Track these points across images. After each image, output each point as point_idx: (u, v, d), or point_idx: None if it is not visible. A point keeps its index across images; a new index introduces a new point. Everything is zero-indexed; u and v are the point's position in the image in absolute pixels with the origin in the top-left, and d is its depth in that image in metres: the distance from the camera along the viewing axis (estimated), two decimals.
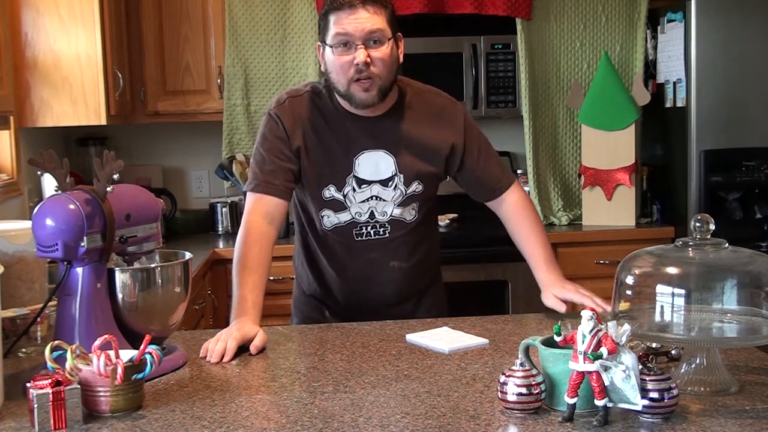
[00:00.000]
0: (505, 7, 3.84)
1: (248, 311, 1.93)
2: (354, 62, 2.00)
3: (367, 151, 2.12)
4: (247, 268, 2.01)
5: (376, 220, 2.16)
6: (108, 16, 3.30)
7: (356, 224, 2.16)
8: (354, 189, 2.13)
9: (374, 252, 2.19)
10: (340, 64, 2.02)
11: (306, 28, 3.87)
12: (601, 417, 1.36)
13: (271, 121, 2.14)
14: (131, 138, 4.13)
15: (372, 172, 2.13)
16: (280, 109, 2.14)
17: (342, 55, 2.01)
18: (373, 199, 2.14)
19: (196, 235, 4.00)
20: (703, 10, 3.60)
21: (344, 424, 1.41)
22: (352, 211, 2.15)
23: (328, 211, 2.15)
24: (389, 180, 2.14)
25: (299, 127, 2.12)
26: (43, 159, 1.66)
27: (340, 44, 2.01)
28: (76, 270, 1.66)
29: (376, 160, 2.13)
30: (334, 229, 2.17)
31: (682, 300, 1.53)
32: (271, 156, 2.11)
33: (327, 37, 2.04)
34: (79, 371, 1.47)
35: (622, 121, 3.82)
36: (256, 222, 2.09)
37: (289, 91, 2.19)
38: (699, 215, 1.57)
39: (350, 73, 2.01)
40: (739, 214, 3.68)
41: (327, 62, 2.07)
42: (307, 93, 2.16)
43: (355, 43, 2.00)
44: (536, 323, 2.14)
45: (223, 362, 1.78)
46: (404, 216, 2.18)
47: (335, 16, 2.01)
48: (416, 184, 2.16)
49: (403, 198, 2.16)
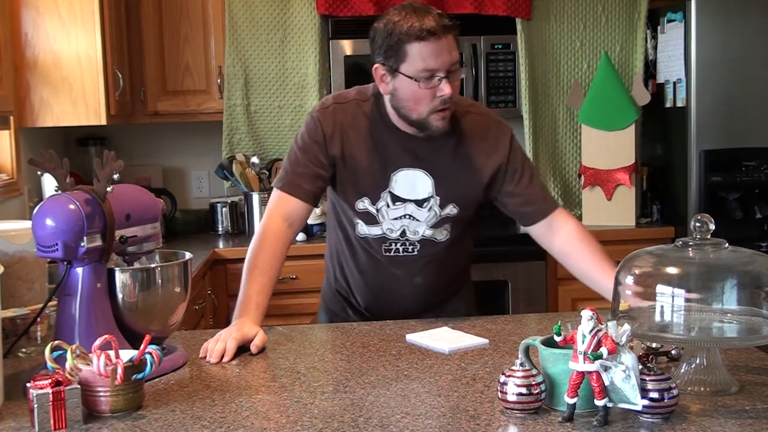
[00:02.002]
0: (505, 7, 3.84)
1: (250, 312, 1.93)
2: (438, 95, 1.94)
3: (405, 169, 2.08)
4: (257, 268, 2.01)
5: (407, 238, 2.12)
6: (108, 16, 3.30)
7: (386, 240, 2.13)
8: (388, 205, 2.09)
9: (400, 268, 2.15)
10: (422, 95, 1.96)
11: (306, 28, 3.87)
12: (601, 417, 1.36)
13: (311, 124, 2.11)
14: (131, 138, 4.13)
15: (408, 190, 2.08)
16: (323, 114, 2.10)
17: (426, 87, 1.94)
18: (406, 217, 2.10)
19: (196, 235, 4.00)
20: (703, 10, 3.60)
21: (344, 424, 1.41)
22: (383, 227, 2.11)
23: (360, 221, 2.12)
24: (424, 201, 2.09)
25: (339, 136, 2.08)
26: (43, 159, 1.66)
27: (423, 78, 1.94)
28: (76, 270, 1.66)
29: (413, 179, 2.08)
30: (366, 238, 2.14)
31: (682, 300, 1.53)
32: (305, 159, 2.09)
33: (404, 67, 1.95)
34: (79, 371, 1.47)
35: (622, 121, 3.82)
36: (275, 222, 2.07)
37: (336, 96, 2.15)
38: (699, 215, 1.57)
39: (434, 104, 1.96)
40: (739, 214, 3.68)
41: (400, 89, 1.98)
42: (353, 101, 2.11)
43: (438, 75, 1.94)
44: (536, 323, 2.14)
45: (223, 362, 1.78)
46: (435, 236, 2.13)
47: (418, 47, 1.92)
48: (451, 207, 2.10)
49: (437, 220, 2.11)
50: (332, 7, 3.83)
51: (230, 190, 4.11)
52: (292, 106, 3.94)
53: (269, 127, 3.96)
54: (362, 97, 2.12)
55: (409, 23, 1.92)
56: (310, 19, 3.86)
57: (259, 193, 3.83)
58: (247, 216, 3.88)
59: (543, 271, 3.67)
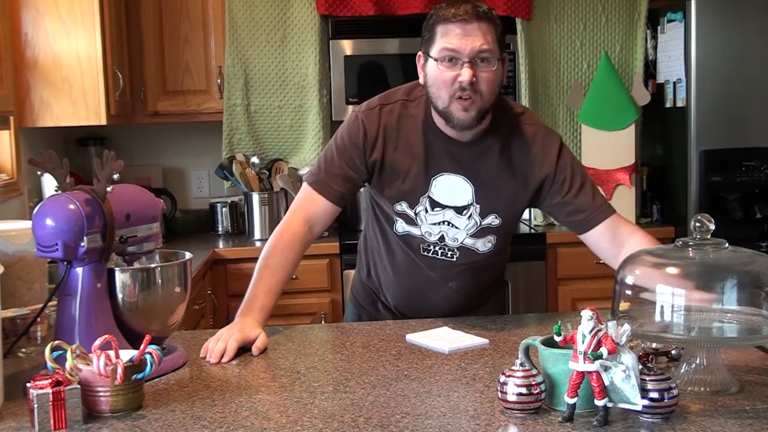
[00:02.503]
0: (505, 7, 3.84)
1: (254, 312, 1.92)
2: (458, 79, 1.89)
3: (446, 174, 2.02)
4: (268, 268, 2.00)
5: (446, 244, 2.07)
6: (108, 16, 3.30)
7: (424, 241, 2.08)
8: (426, 210, 2.04)
9: (436, 271, 2.11)
10: (443, 79, 1.91)
11: (306, 28, 3.87)
12: (601, 417, 1.36)
13: (354, 124, 2.06)
14: (131, 138, 4.13)
15: (448, 197, 2.03)
16: (368, 116, 2.05)
17: (447, 70, 1.90)
18: (445, 224, 2.05)
19: (196, 235, 4.01)
20: (703, 10, 3.60)
21: (344, 424, 1.41)
22: (422, 230, 2.07)
23: (400, 219, 2.09)
24: (464, 208, 2.03)
25: (382, 139, 2.03)
26: (43, 159, 1.66)
27: (445, 59, 1.90)
28: (76, 270, 1.66)
29: (453, 185, 2.03)
30: (406, 235, 2.09)
31: (682, 300, 1.53)
32: (341, 160, 2.05)
33: (431, 49, 1.93)
34: (79, 371, 1.47)
35: (622, 121, 3.82)
36: (296, 223, 2.05)
37: (383, 96, 2.09)
38: (699, 215, 1.57)
39: (453, 89, 1.90)
40: (739, 214, 3.68)
41: (428, 75, 1.95)
42: (399, 102, 2.06)
43: (462, 60, 1.88)
44: (536, 323, 2.14)
45: (223, 362, 1.78)
46: (477, 246, 2.07)
47: (444, 28, 1.90)
48: (493, 217, 2.04)
49: (477, 229, 2.05)
50: (332, 7, 3.83)
51: (230, 190, 4.11)
52: (292, 106, 3.94)
53: (269, 127, 3.96)
54: (410, 97, 2.07)
55: (443, 8, 1.92)
56: (310, 19, 3.86)
57: (259, 193, 3.83)
58: (247, 216, 3.88)
59: (543, 271, 3.67)
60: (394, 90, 2.11)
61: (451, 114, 1.94)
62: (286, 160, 3.99)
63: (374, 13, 3.84)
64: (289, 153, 3.99)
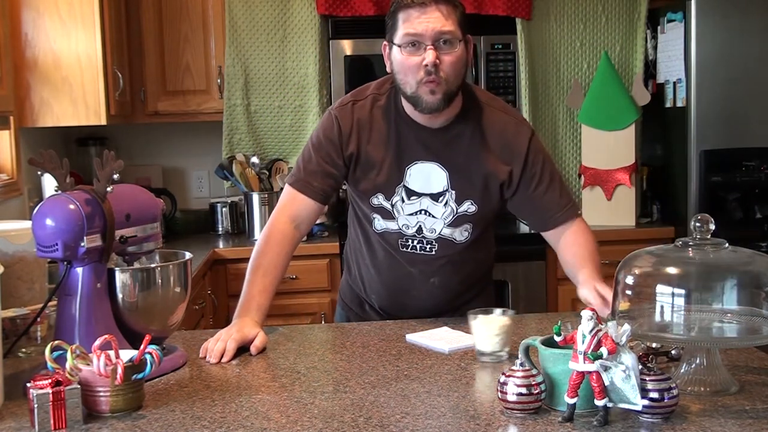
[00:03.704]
0: (505, 7, 3.84)
1: (251, 312, 1.93)
2: (423, 63, 1.90)
3: (420, 162, 2.04)
4: (261, 268, 2.01)
5: (423, 236, 2.09)
6: (108, 16, 3.30)
7: (403, 235, 2.10)
8: (403, 200, 2.06)
9: (417, 266, 2.12)
10: (409, 65, 1.93)
11: (306, 28, 3.87)
12: (601, 417, 1.36)
13: (328, 121, 2.09)
14: (131, 138, 4.13)
15: (423, 184, 2.05)
16: (341, 112, 2.08)
17: (411, 55, 1.92)
18: (422, 213, 2.06)
19: (196, 235, 4.01)
20: (703, 10, 3.60)
21: (344, 424, 1.41)
22: (399, 222, 2.08)
23: (377, 215, 2.10)
24: (440, 195, 2.05)
25: (356, 133, 2.05)
26: (43, 159, 1.66)
27: (408, 44, 1.92)
28: (76, 270, 1.66)
29: (428, 172, 2.04)
30: (384, 232, 2.11)
31: (682, 300, 1.53)
32: (318, 157, 2.07)
33: (395, 36, 1.95)
34: (79, 371, 1.47)
35: (622, 121, 3.82)
36: (281, 223, 2.07)
37: (355, 93, 2.12)
38: (699, 215, 1.57)
39: (419, 75, 1.92)
40: (739, 214, 3.68)
41: (394, 62, 1.98)
42: (371, 96, 2.09)
43: (424, 44, 1.90)
44: (536, 323, 2.14)
45: (223, 362, 1.78)
46: (454, 236, 2.09)
47: (405, 14, 1.93)
48: (469, 203, 2.06)
49: (454, 217, 2.07)
50: (332, 7, 3.83)
51: (230, 190, 4.11)
52: (292, 106, 3.94)
53: (269, 127, 3.96)
54: (380, 90, 2.09)
55: None
56: (310, 19, 3.86)
57: (259, 193, 3.83)
58: (247, 216, 3.88)
59: (543, 271, 3.67)
60: (365, 86, 2.14)
61: (419, 98, 1.96)
62: (286, 160, 3.99)
63: (374, 13, 3.83)
64: (289, 153, 3.99)
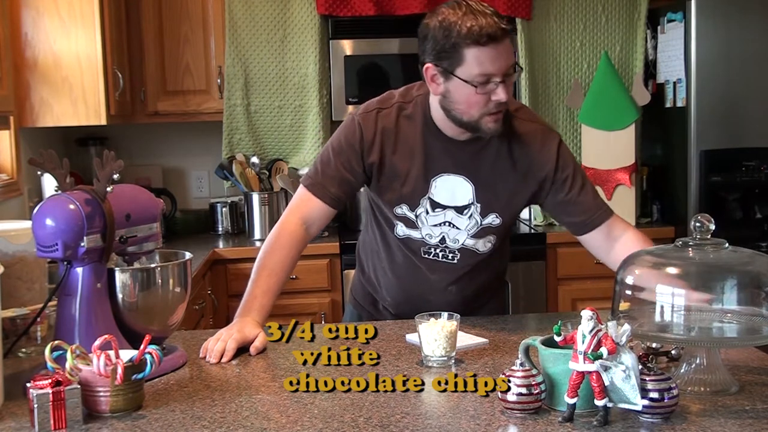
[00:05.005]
0: (505, 7, 3.84)
1: (253, 312, 1.92)
2: (494, 98, 1.87)
3: (446, 175, 2.01)
4: (266, 269, 1.99)
5: (446, 245, 2.07)
6: (108, 16, 3.30)
7: (425, 244, 2.08)
8: (427, 211, 2.03)
9: (437, 273, 2.10)
10: (476, 100, 1.88)
11: (306, 28, 3.87)
12: (601, 417, 1.36)
13: (351, 127, 2.05)
14: (131, 138, 4.13)
15: (448, 197, 2.02)
16: (365, 119, 2.03)
17: (482, 92, 1.87)
18: (446, 224, 2.04)
19: (196, 235, 4.01)
20: (703, 10, 3.60)
21: (344, 424, 1.41)
22: (422, 232, 2.06)
23: (401, 223, 2.08)
24: (465, 208, 2.02)
25: (379, 143, 2.02)
26: (43, 159, 1.66)
27: (480, 83, 1.86)
28: (76, 270, 1.66)
29: (453, 185, 2.01)
30: (406, 239, 2.08)
31: (682, 300, 1.53)
32: (337, 162, 2.04)
33: (458, 70, 1.86)
34: (79, 371, 1.47)
35: (622, 121, 3.82)
36: (292, 224, 2.05)
37: (380, 100, 2.07)
38: (699, 215, 1.57)
39: (487, 108, 1.89)
40: (739, 214, 3.68)
41: (452, 92, 1.90)
42: (396, 105, 2.04)
43: (495, 80, 1.86)
44: (536, 323, 2.14)
45: (222, 362, 1.78)
46: (477, 247, 2.07)
47: (475, 51, 1.83)
48: (493, 216, 2.04)
49: (478, 229, 2.05)
50: (332, 7, 3.83)
51: (230, 190, 4.11)
52: (292, 106, 3.94)
53: (269, 127, 3.97)
54: (405, 99, 2.05)
55: (467, 25, 1.83)
56: (310, 19, 3.86)
57: (259, 193, 3.84)
58: (247, 216, 3.89)
59: (543, 271, 3.67)
60: (390, 94, 2.10)
61: (480, 126, 1.93)
62: (286, 160, 3.99)
63: (374, 13, 3.84)
64: (289, 153, 4.00)
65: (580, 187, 2.05)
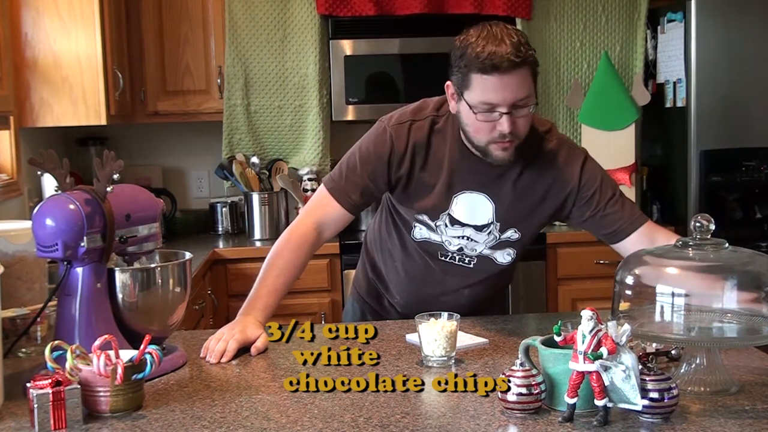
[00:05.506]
0: (505, 7, 3.84)
1: (256, 312, 1.92)
2: (498, 129, 1.85)
3: (467, 192, 2.00)
4: (275, 268, 1.98)
5: (465, 253, 2.07)
6: (108, 16, 3.30)
7: (444, 249, 2.07)
8: (446, 225, 2.03)
9: (451, 275, 2.10)
10: (480, 126, 1.87)
11: (306, 28, 3.87)
12: (601, 417, 1.36)
13: (382, 137, 2.01)
14: (131, 138, 4.13)
15: (468, 215, 2.01)
16: (397, 131, 2.00)
17: (484, 119, 1.86)
18: (465, 238, 2.04)
19: (196, 235, 4.01)
20: (703, 10, 3.60)
21: (344, 424, 1.41)
22: (442, 238, 2.05)
23: (420, 226, 2.07)
24: (484, 227, 2.02)
25: (410, 157, 2.00)
26: (43, 159, 1.66)
27: (483, 111, 1.85)
28: (76, 270, 1.66)
29: (474, 203, 2.01)
30: (423, 241, 2.08)
31: (682, 300, 1.53)
32: (364, 170, 2.02)
33: (466, 93, 1.86)
34: (79, 371, 1.47)
35: (622, 121, 3.82)
36: (306, 225, 2.03)
37: (414, 111, 2.03)
38: (699, 215, 1.57)
39: (492, 136, 1.87)
40: (739, 214, 3.68)
41: (462, 113, 1.90)
42: (429, 118, 2.01)
43: (499, 110, 1.84)
44: (536, 323, 2.14)
45: (223, 362, 1.78)
46: (495, 256, 2.07)
47: (480, 79, 1.81)
48: (512, 231, 2.04)
49: (496, 242, 2.05)
50: (332, 7, 3.83)
51: (230, 190, 4.11)
52: (292, 106, 3.94)
53: (269, 127, 3.97)
54: (439, 112, 2.02)
55: (478, 49, 1.80)
56: (310, 19, 3.86)
57: (259, 193, 3.84)
58: (247, 216, 3.89)
59: (543, 271, 3.67)
60: (424, 103, 2.06)
61: (489, 153, 1.92)
62: (286, 160, 3.99)
63: (374, 13, 3.83)
64: (289, 153, 3.99)
65: (608, 199, 2.01)
